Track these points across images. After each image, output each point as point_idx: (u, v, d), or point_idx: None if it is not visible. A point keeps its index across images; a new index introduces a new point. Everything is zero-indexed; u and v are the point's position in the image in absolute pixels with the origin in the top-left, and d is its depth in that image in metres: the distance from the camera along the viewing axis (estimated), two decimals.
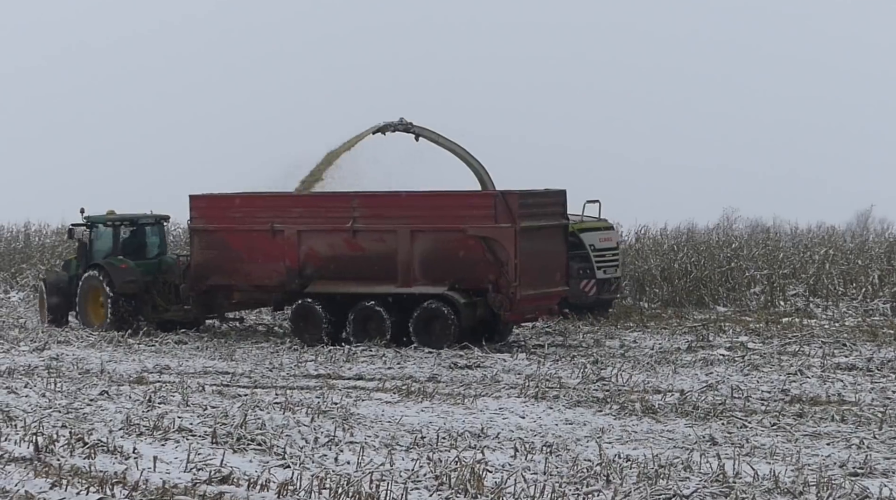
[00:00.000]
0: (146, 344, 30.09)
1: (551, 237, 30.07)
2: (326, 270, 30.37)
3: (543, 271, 29.65)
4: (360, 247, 30.05)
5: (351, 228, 30.01)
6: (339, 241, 30.21)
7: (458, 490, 14.97)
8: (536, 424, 19.65)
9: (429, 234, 29.40)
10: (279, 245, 30.62)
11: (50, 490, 14.69)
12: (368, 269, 29.83)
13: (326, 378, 24.58)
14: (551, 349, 28.34)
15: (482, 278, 29.01)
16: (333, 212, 30.42)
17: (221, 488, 14.88)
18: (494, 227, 28.84)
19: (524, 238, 28.94)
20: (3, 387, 22.62)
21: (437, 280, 29.28)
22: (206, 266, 31.55)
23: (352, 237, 30.08)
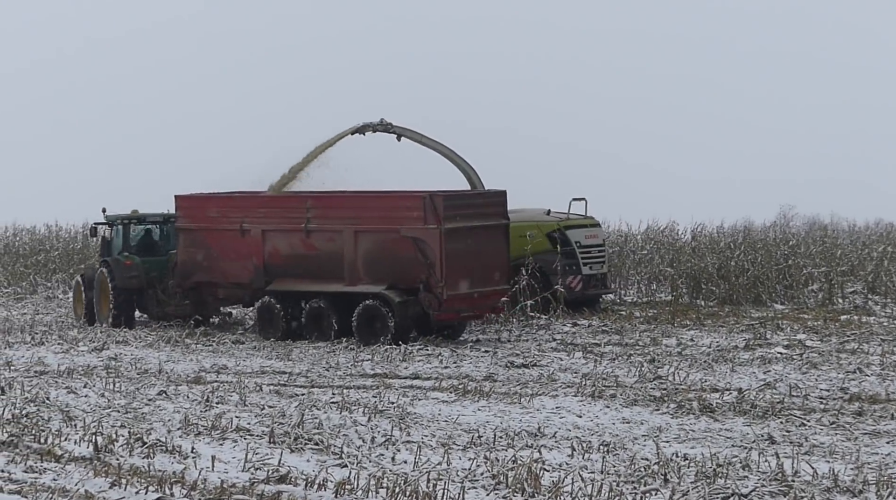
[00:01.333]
0: (203, 344, 30.23)
1: (488, 237, 30.58)
2: (286, 268, 31.34)
3: (478, 270, 30.17)
4: (313, 246, 30.98)
5: (305, 228, 30.94)
6: (297, 240, 31.20)
7: (515, 490, 14.96)
8: (593, 423, 19.61)
9: (370, 234, 30.29)
10: (248, 244, 31.73)
11: (109, 490, 14.78)
12: (320, 268, 30.72)
13: (383, 378, 24.61)
14: (608, 348, 28.26)
15: (415, 277, 29.73)
16: (291, 212, 31.42)
17: (279, 487, 14.93)
18: (423, 228, 29.59)
19: (451, 239, 29.57)
20: (63, 387, 22.79)
21: (378, 280, 30.11)
22: (190, 264, 32.68)
23: (306, 237, 31.01)
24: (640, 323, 32.79)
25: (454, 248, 29.63)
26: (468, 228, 30.07)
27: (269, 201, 33.00)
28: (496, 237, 30.83)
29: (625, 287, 40.59)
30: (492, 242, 30.68)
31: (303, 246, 31.08)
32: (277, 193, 34.09)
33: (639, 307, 36.78)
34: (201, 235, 32.54)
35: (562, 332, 31.37)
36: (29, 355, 28.09)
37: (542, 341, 29.56)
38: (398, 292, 29.80)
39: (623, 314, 34.76)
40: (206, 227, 32.48)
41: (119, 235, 34.99)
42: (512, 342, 29.57)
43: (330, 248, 30.61)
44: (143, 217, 35.21)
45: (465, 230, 29.95)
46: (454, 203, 30.17)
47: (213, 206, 32.73)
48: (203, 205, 32.88)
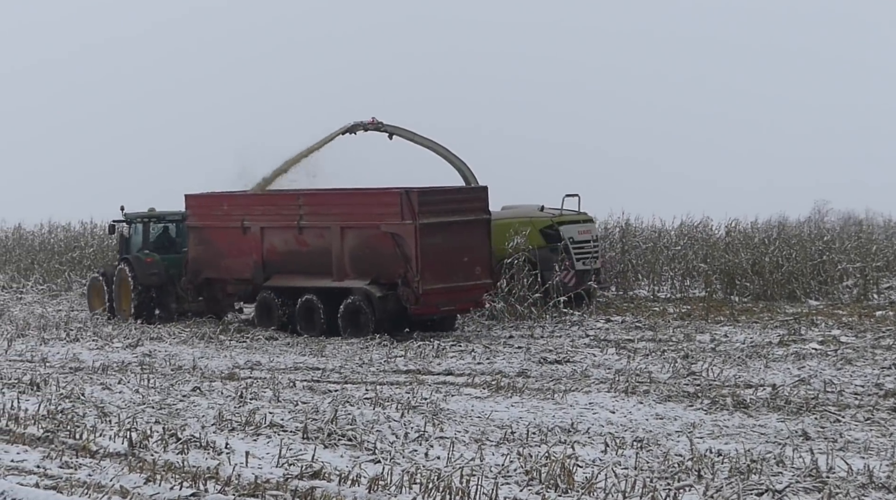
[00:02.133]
0: (237, 340, 30.31)
1: (468, 233, 31.01)
2: (282, 264, 32.14)
3: (457, 265, 30.69)
4: (305, 242, 31.82)
5: (298, 225, 31.76)
6: (291, 237, 32.03)
7: (548, 485, 14.95)
8: (627, 419, 19.58)
9: (354, 230, 30.94)
10: (249, 241, 32.62)
11: (144, 485, 14.84)
12: (311, 263, 31.53)
13: (416, 374, 24.63)
14: (641, 344, 28.21)
15: (395, 272, 30.39)
16: (286, 210, 32.23)
17: (313, 483, 14.95)
18: (400, 224, 30.19)
19: (427, 234, 30.17)
20: (98, 383, 22.89)
21: (363, 275, 30.78)
22: (199, 261, 33.67)
23: (299, 234, 31.84)
24: (674, 319, 32.72)
25: (430, 243, 30.23)
26: (446, 223, 30.60)
27: (266, 199, 33.86)
28: (477, 233, 31.21)
29: (658, 283, 40.51)
30: (472, 238, 31.09)
31: (296, 242, 31.94)
32: (262, 191, 35.17)
33: (672, 303, 36.71)
34: (208, 233, 33.48)
35: (595, 328, 31.34)
36: (64, 351, 28.23)
37: (575, 338, 29.54)
38: (379, 287, 30.47)
39: (656, 310, 34.71)
40: (212, 225, 33.40)
41: (138, 232, 35.82)
42: (545, 338, 29.55)
43: (320, 244, 31.44)
44: (163, 215, 35.96)
45: (442, 226, 30.48)
46: (430, 199, 30.61)
47: (218, 204, 33.54)
48: (209, 203, 33.71)
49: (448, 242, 30.59)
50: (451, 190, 32.82)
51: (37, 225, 54.09)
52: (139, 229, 35.97)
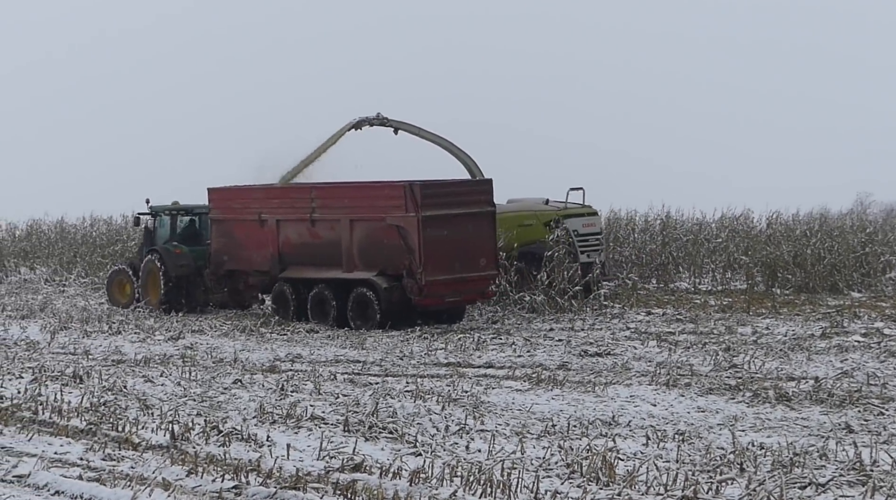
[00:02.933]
0: (278, 333, 30.39)
1: (472, 225, 31.38)
2: (297, 256, 32.78)
3: (460, 257, 31.15)
4: (317, 235, 32.41)
5: (310, 217, 32.40)
6: (304, 229, 32.64)
7: (589, 478, 14.92)
8: (668, 411, 19.52)
9: (362, 223, 31.50)
10: (266, 233, 33.31)
11: (186, 478, 14.89)
12: (323, 255, 32.11)
13: (456, 366, 24.63)
14: (682, 337, 28.13)
15: (400, 264, 30.90)
16: (299, 203, 32.84)
17: (354, 475, 14.97)
18: (404, 216, 30.67)
19: (430, 226, 30.62)
20: (140, 376, 22.99)
21: (370, 267, 31.34)
22: (222, 253, 34.39)
23: (312, 226, 32.45)
24: (715, 312, 32.61)
25: (434, 235, 30.70)
26: (449, 215, 31.02)
27: (281, 192, 34.44)
28: (481, 225, 31.58)
29: (699, 276, 40.38)
30: (477, 230, 31.45)
31: (309, 235, 32.54)
32: (283, 185, 35.60)
33: (713, 296, 36.58)
34: (229, 226, 34.20)
35: (636, 321, 31.27)
36: (106, 344, 28.36)
37: (615, 330, 29.47)
38: (386, 278, 31.01)
39: (698, 303, 34.61)
40: (232, 218, 34.14)
41: (164, 225, 36.60)
42: (586, 331, 29.50)
43: (331, 236, 31.99)
44: (190, 208, 36.62)
45: (445, 218, 30.94)
46: (432, 192, 31.04)
47: (237, 197, 34.31)
48: (229, 197, 34.44)
49: (452, 235, 31.04)
50: (455, 183, 33.22)
51: (79, 218, 54.44)
52: (166, 222, 36.73)
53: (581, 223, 36.07)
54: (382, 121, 38.44)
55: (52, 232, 53.45)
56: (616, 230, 43.64)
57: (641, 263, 41.15)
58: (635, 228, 43.88)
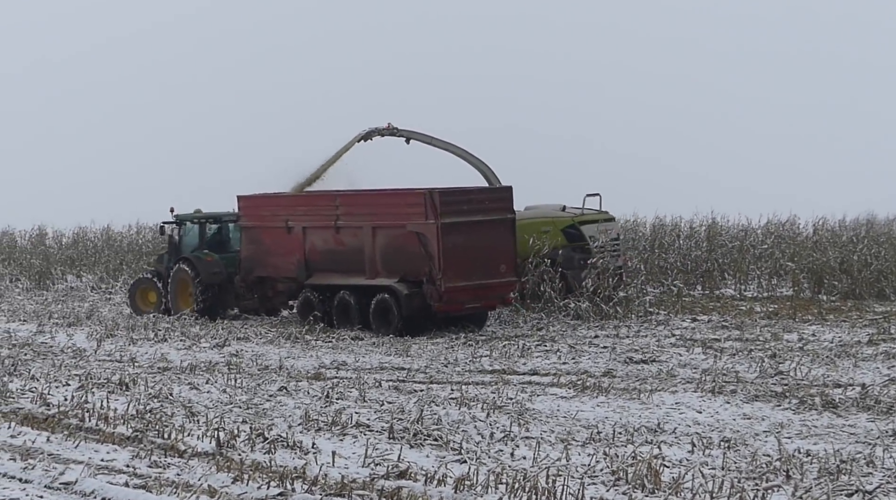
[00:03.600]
0: (323, 340, 30.45)
1: (492, 232, 31.68)
2: (322, 262, 33.14)
3: (480, 263, 31.41)
4: (342, 242, 32.78)
5: (335, 224, 32.77)
6: (329, 236, 33.02)
7: (635, 486, 14.89)
8: (714, 419, 19.45)
9: (384, 230, 31.87)
10: (293, 240, 33.67)
11: (232, 485, 14.94)
12: (347, 262, 32.48)
13: (501, 374, 24.62)
14: (728, 343, 28.02)
15: (420, 270, 31.23)
16: (325, 210, 33.17)
17: (399, 482, 14.99)
18: (424, 223, 31.04)
19: (450, 233, 30.97)
20: (186, 383, 23.08)
21: (392, 273, 31.72)
22: (251, 260, 34.70)
23: (336, 233, 32.82)
24: (761, 318, 32.46)
25: (453, 241, 31.03)
26: (469, 222, 31.34)
27: (307, 200, 34.94)
28: (501, 232, 31.83)
29: (745, 282, 40.22)
30: (496, 237, 31.71)
31: (334, 242, 32.90)
32: (310, 193, 36.25)
33: (759, 302, 36.43)
34: (258, 233, 34.52)
35: (681, 327, 31.17)
36: (152, 351, 28.50)
37: (661, 337, 29.39)
38: (407, 284, 31.33)
39: (743, 309, 34.48)
40: (261, 225, 34.46)
41: (192, 233, 36.91)
42: (631, 338, 29.43)
43: (354, 243, 32.38)
44: (219, 216, 37.03)
45: (465, 225, 31.26)
46: (452, 199, 31.38)
47: (266, 205, 34.72)
48: (258, 204, 34.83)
49: (471, 241, 31.33)
50: (475, 190, 33.51)
51: (125, 226, 54.75)
52: (192, 230, 37.00)
53: (598, 229, 36.17)
54: (393, 131, 38.87)
55: (98, 240, 53.77)
56: (661, 237, 43.53)
57: (687, 269, 41.02)
58: (680, 234, 43.76)
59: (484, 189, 34.26)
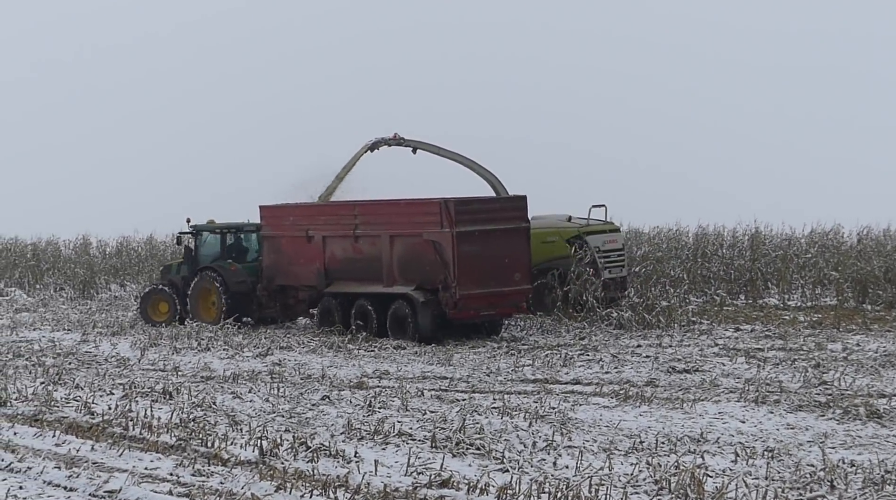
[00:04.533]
0: (366, 350, 30.49)
1: (507, 240, 32.25)
2: (341, 271, 33.85)
3: (495, 271, 32.00)
4: (360, 250, 33.50)
5: (354, 233, 33.47)
6: (348, 245, 33.74)
7: (678, 495, 14.85)
8: (757, 428, 19.37)
9: (401, 238, 32.56)
10: (313, 249, 34.40)
11: (275, 493, 14.99)
12: (365, 270, 33.19)
13: (543, 383, 24.59)
14: (771, 353, 27.89)
15: (436, 278, 31.79)
16: (344, 219, 33.95)
17: (441, 491, 15.00)
18: (439, 231, 31.67)
19: (465, 241, 31.54)
20: (229, 392, 23.17)
21: (408, 281, 32.33)
22: (273, 268, 35.48)
23: (355, 242, 33.55)
24: (805, 328, 32.31)
25: (468, 250, 31.60)
26: (484, 231, 31.90)
27: (327, 210, 35.62)
28: (515, 240, 32.42)
29: (788, 291, 40.04)
30: (511, 245, 32.29)
31: (353, 250, 33.62)
32: (330, 203, 36.93)
33: (803, 312, 36.26)
34: (279, 242, 35.29)
35: (724, 337, 31.06)
36: (196, 360, 28.61)
37: (703, 346, 29.29)
38: (423, 292, 31.90)
39: (787, 319, 34.32)
40: (282, 234, 35.23)
41: (210, 243, 37.55)
42: (673, 347, 29.35)
43: (372, 252, 33.10)
44: (240, 226, 37.72)
45: (480, 233, 31.82)
46: (467, 208, 32.04)
47: (287, 215, 35.36)
48: (280, 214, 35.49)
49: (486, 250, 31.90)
50: (490, 200, 34.38)
51: (168, 235, 54.95)
52: (211, 240, 37.60)
53: (603, 240, 36.53)
54: (399, 141, 39.28)
55: (141, 249, 54.03)
56: (704, 246, 43.39)
57: (730, 278, 40.86)
58: (723, 243, 43.60)
59: (499, 198, 34.86)
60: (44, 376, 25.30)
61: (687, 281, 40.19)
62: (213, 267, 36.78)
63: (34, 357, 29.21)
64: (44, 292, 48.19)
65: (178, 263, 38.85)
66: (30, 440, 18.71)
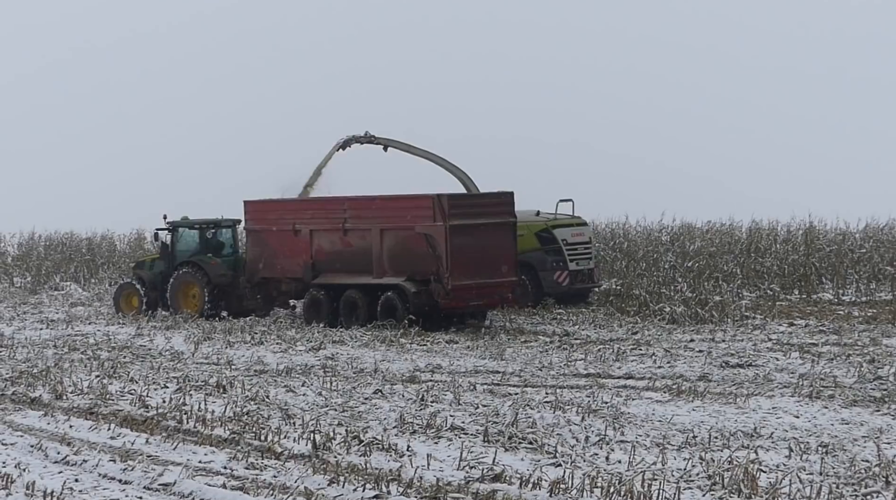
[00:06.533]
0: (418, 344, 30.54)
1: (495, 234, 33.58)
2: (329, 263, 35.13)
3: (484, 263, 33.36)
4: (349, 243, 34.79)
5: (343, 227, 34.74)
6: (336, 238, 35.04)
7: (731, 490, 14.79)
8: (811, 423, 19.27)
9: (392, 232, 33.88)
10: (300, 242, 35.63)
11: (328, 487, 15.04)
12: (354, 262, 34.46)
13: (596, 377, 24.55)
14: (825, 348, 27.74)
15: (428, 270, 33.12)
16: (332, 214, 35.25)
17: (494, 486, 15.00)
18: (432, 225, 32.94)
19: (457, 234, 32.86)
20: (282, 386, 23.25)
21: (399, 272, 33.64)
22: (257, 261, 36.69)
23: (344, 235, 34.85)
24: (860, 323, 32.11)
25: (460, 243, 32.91)
26: (474, 225, 33.24)
27: (315, 204, 36.95)
28: (502, 234, 33.76)
29: (843, 286, 39.80)
30: (498, 239, 33.64)
31: (341, 243, 34.94)
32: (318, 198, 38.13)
33: (857, 307, 36.03)
34: (264, 236, 36.52)
35: (777, 332, 30.92)
36: (249, 354, 28.73)
37: (757, 341, 29.16)
38: (414, 283, 33.23)
39: (841, 314, 34.12)
40: (267, 228, 36.45)
41: (187, 238, 38.73)
42: (727, 342, 29.23)
43: (361, 244, 34.39)
44: (217, 222, 39.04)
45: (470, 227, 33.16)
46: (459, 202, 33.72)
47: (272, 209, 36.71)
48: (265, 209, 36.76)
49: (476, 243, 33.23)
50: (479, 195, 35.83)
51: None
52: (191, 235, 38.76)
53: (570, 233, 38.16)
54: (370, 139, 40.33)
55: None
56: (757, 240, 43.20)
57: (783, 273, 40.67)
58: (777, 238, 43.38)
59: (488, 194, 35.70)
60: (99, 370, 25.48)
61: (740, 276, 40.01)
62: (194, 261, 37.90)
63: (89, 351, 29.44)
64: (99, 286, 48.48)
65: (150, 258, 40.10)
66: (85, 433, 18.85)
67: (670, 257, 42.75)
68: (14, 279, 52.97)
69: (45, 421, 19.92)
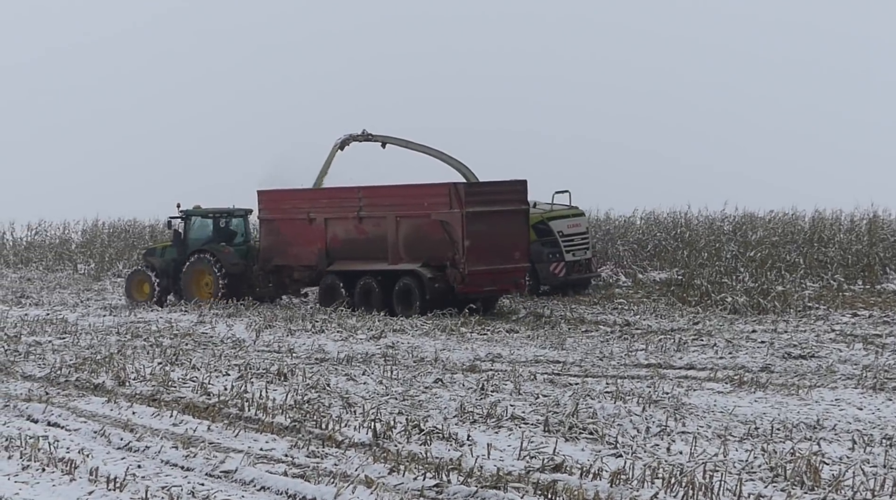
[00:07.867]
0: (478, 333, 30.54)
1: (508, 221, 34.75)
2: (343, 250, 36.22)
3: (498, 249, 34.46)
4: (364, 231, 35.92)
5: (358, 215, 35.87)
6: (351, 226, 36.13)
7: (793, 482, 14.70)
8: (875, 416, 19.11)
9: (408, 219, 34.94)
10: (314, 231, 36.77)
11: (388, 475, 15.06)
12: (369, 249, 35.59)
13: (657, 368, 24.46)
14: (890, 339, 27.51)
15: (443, 256, 34.25)
16: (347, 202, 36.27)
17: (554, 476, 14.97)
18: (449, 212, 34.10)
19: (473, 221, 33.99)
20: (343, 374, 23.31)
21: (415, 259, 34.76)
22: (270, 250, 37.82)
23: (359, 223, 35.92)
24: None
25: (475, 229, 34.01)
26: (489, 212, 34.37)
27: (329, 194, 37.89)
28: (516, 221, 34.95)
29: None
30: (512, 226, 34.80)
31: (356, 231, 36.02)
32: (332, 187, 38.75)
33: None
34: (278, 225, 37.65)
35: (841, 322, 30.69)
36: (310, 342, 28.82)
37: (820, 332, 28.96)
38: (430, 269, 34.32)
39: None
40: (281, 217, 37.54)
41: (202, 227, 39.43)
42: (789, 333, 29.05)
43: (377, 232, 35.50)
44: (231, 211, 39.76)
45: (485, 214, 34.30)
46: (474, 190, 34.98)
47: (287, 198, 37.69)
48: (279, 198, 37.75)
49: (490, 229, 34.34)
50: (494, 183, 36.17)
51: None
52: (205, 224, 39.56)
53: (566, 224, 38.96)
54: (367, 136, 40.69)
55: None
56: (821, 230, 42.89)
57: (847, 263, 40.36)
58: (840, 228, 43.06)
59: (502, 182, 36.16)
60: (161, 357, 25.64)
61: (803, 266, 39.74)
62: (207, 249, 38.63)
63: (152, 338, 29.63)
64: None
65: (161, 246, 40.76)
66: (148, 420, 18.98)
67: (732, 246, 42.53)
68: (78, 266, 53.45)
69: (109, 408, 20.07)
